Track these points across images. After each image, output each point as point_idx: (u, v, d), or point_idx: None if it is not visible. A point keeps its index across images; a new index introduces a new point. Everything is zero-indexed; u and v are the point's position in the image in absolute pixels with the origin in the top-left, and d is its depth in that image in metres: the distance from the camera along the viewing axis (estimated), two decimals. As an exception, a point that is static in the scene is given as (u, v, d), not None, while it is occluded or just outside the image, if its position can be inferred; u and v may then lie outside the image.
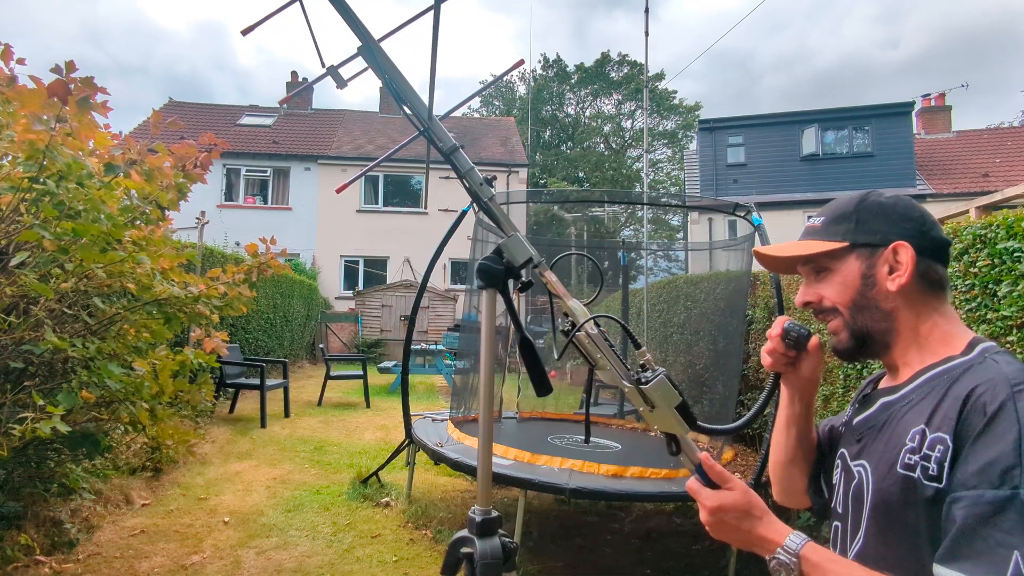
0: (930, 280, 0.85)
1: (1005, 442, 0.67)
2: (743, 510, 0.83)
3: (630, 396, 0.90)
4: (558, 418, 5.02)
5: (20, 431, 2.16)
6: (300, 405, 7.42)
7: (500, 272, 0.97)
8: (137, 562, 2.86)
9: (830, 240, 0.89)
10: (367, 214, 16.75)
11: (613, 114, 33.28)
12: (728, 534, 0.84)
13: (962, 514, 0.68)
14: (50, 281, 2.49)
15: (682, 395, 0.88)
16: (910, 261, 0.83)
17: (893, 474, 0.80)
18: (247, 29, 1.02)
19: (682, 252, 17.30)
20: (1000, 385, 0.72)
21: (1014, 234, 2.08)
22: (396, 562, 3.03)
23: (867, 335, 0.88)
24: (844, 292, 0.88)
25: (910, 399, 0.83)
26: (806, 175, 15.46)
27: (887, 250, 0.85)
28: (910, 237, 0.85)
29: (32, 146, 2.29)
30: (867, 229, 0.87)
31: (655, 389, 0.87)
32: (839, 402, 3.19)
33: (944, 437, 0.74)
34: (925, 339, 0.85)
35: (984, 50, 67.04)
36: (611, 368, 0.91)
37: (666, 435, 0.89)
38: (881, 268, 0.86)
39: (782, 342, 0.95)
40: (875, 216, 0.87)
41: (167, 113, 16.54)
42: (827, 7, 72.38)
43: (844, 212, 0.90)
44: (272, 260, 3.54)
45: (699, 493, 0.85)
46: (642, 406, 0.88)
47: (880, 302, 0.86)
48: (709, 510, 0.84)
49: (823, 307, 0.91)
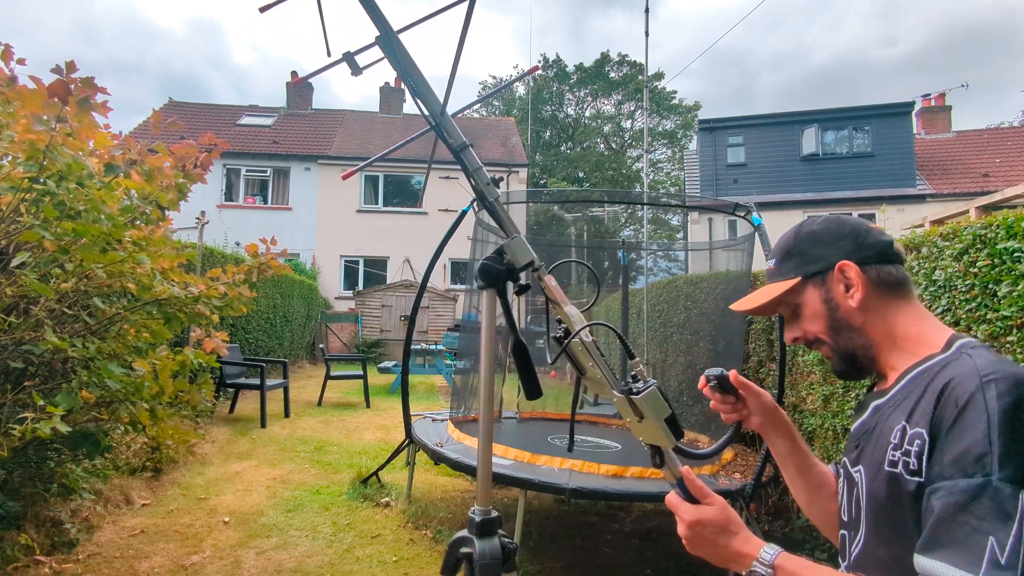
0: (887, 283, 0.89)
1: (976, 431, 0.70)
2: (720, 525, 0.84)
3: (618, 406, 0.89)
4: (558, 418, 5.02)
5: (20, 431, 2.16)
6: (300, 405, 7.42)
7: (501, 272, 0.97)
8: (137, 562, 2.86)
9: (785, 279, 0.94)
10: (367, 214, 16.75)
11: (613, 114, 33.30)
12: (705, 549, 0.85)
13: (939, 504, 0.70)
14: (50, 281, 2.50)
15: (671, 408, 0.88)
16: (858, 276, 0.88)
17: (882, 473, 0.82)
18: (265, 7, 1.01)
19: (682, 252, 17.31)
20: (970, 377, 0.74)
21: (1014, 234, 2.08)
22: (396, 562, 3.03)
23: (852, 354, 0.92)
24: (817, 321, 0.93)
25: (896, 399, 0.85)
26: (806, 175, 15.46)
27: (834, 272, 0.90)
28: (848, 253, 0.89)
29: (32, 146, 2.29)
30: (809, 259, 0.92)
31: (646, 401, 0.87)
32: (839, 402, 3.19)
33: (921, 431, 0.76)
34: (903, 341, 0.88)
35: (983, 48, 67.14)
36: (601, 376, 0.91)
37: (651, 447, 0.89)
38: (837, 289, 0.90)
39: (712, 392, 1.01)
40: (812, 245, 0.93)
41: (167, 113, 16.56)
42: (825, 4, 72.40)
43: (787, 250, 0.96)
44: (272, 260, 3.54)
45: (678, 507, 0.86)
46: (630, 416, 0.88)
47: (850, 320, 0.90)
48: (688, 524, 0.85)
49: (809, 339, 0.96)
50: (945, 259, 2.38)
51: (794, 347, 3.83)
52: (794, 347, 3.83)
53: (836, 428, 3.20)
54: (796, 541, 3.29)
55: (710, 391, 1.01)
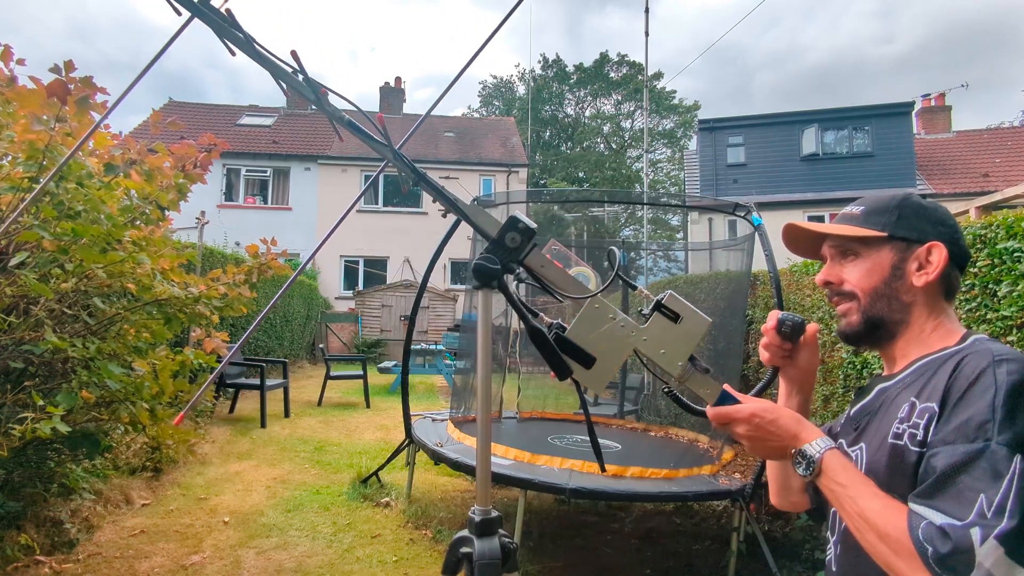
0: (948, 285, 0.90)
1: (983, 401, 0.73)
2: (773, 412, 0.87)
3: (651, 327, 0.92)
4: (558, 418, 5.02)
5: (20, 431, 2.16)
6: (300, 405, 7.41)
7: (496, 271, 0.96)
8: (137, 562, 2.86)
9: (869, 228, 0.92)
10: (367, 214, 16.74)
11: (613, 114, 33.29)
12: (765, 440, 0.87)
13: (939, 464, 0.73)
14: (50, 281, 2.49)
15: None
16: (942, 261, 0.88)
17: (885, 445, 0.84)
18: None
19: (682, 252, 17.29)
20: (984, 356, 0.77)
21: (1014, 234, 2.08)
22: (396, 562, 3.03)
23: (880, 322, 0.91)
24: (869, 279, 0.92)
25: (904, 382, 0.87)
26: (806, 175, 15.45)
27: (922, 248, 0.89)
28: (945, 241, 0.89)
29: (32, 146, 2.29)
30: (907, 225, 0.91)
31: (671, 302, 0.92)
32: (839, 402, 3.19)
33: (931, 405, 0.79)
34: (929, 335, 0.89)
35: (981, 47, 67.12)
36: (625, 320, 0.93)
37: (690, 360, 0.92)
38: (911, 263, 0.89)
39: (777, 334, 0.98)
40: (916, 215, 0.91)
41: (166, 113, 16.55)
42: (823, 2, 72.40)
43: (886, 205, 0.93)
44: (272, 260, 3.53)
45: (729, 411, 0.89)
46: (662, 331, 0.92)
47: (902, 294, 0.90)
48: (744, 418, 0.87)
49: (841, 289, 0.95)
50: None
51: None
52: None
53: (836, 428, 3.19)
54: (796, 541, 3.29)
55: (775, 333, 0.98)
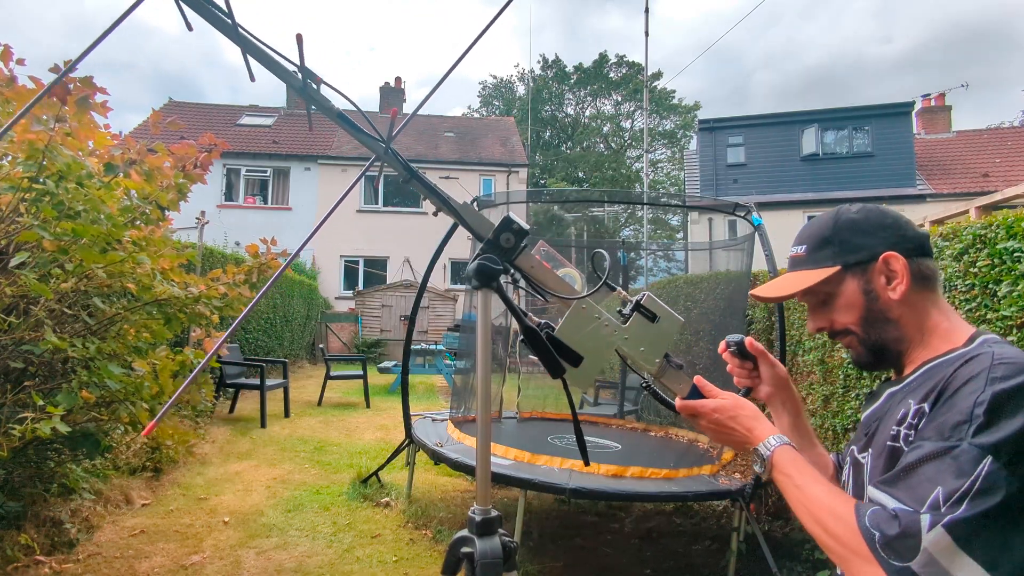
0: (923, 277, 0.88)
1: (966, 403, 0.72)
2: (733, 410, 0.93)
3: (631, 327, 1.00)
4: (558, 418, 5.02)
5: (20, 431, 2.16)
6: (300, 405, 7.41)
7: (498, 271, 0.96)
8: (137, 562, 2.86)
9: (820, 268, 0.92)
10: (367, 214, 16.74)
11: (612, 114, 33.28)
12: (725, 434, 0.94)
13: (910, 456, 0.74)
14: (50, 281, 2.49)
15: None
16: (903, 268, 0.86)
17: (885, 450, 0.84)
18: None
19: (682, 252, 17.30)
20: (983, 361, 0.76)
21: (1014, 234, 2.08)
22: (396, 562, 3.03)
23: (882, 346, 0.91)
24: (852, 312, 0.91)
25: (911, 386, 0.86)
26: (806, 175, 15.45)
27: (878, 263, 0.88)
28: (893, 244, 0.87)
29: (32, 146, 2.29)
30: (851, 248, 0.89)
31: (650, 303, 0.99)
32: (839, 402, 3.19)
33: (924, 407, 0.79)
34: (930, 337, 0.88)
35: (981, 46, 67.06)
36: (610, 320, 1.01)
37: (665, 357, 0.99)
38: (878, 280, 0.88)
39: (731, 356, 1.06)
40: (854, 233, 0.90)
41: (166, 113, 16.54)
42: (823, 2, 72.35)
43: (823, 236, 0.92)
44: (273, 261, 3.53)
45: (695, 405, 0.95)
46: (641, 329, 0.99)
47: (887, 312, 0.89)
48: (707, 412, 0.94)
49: (836, 330, 0.94)
50: (945, 259, 2.38)
51: (793, 348, 3.83)
52: (793, 348, 3.83)
53: (836, 428, 3.20)
54: (796, 541, 3.29)
55: (729, 356, 1.06)
